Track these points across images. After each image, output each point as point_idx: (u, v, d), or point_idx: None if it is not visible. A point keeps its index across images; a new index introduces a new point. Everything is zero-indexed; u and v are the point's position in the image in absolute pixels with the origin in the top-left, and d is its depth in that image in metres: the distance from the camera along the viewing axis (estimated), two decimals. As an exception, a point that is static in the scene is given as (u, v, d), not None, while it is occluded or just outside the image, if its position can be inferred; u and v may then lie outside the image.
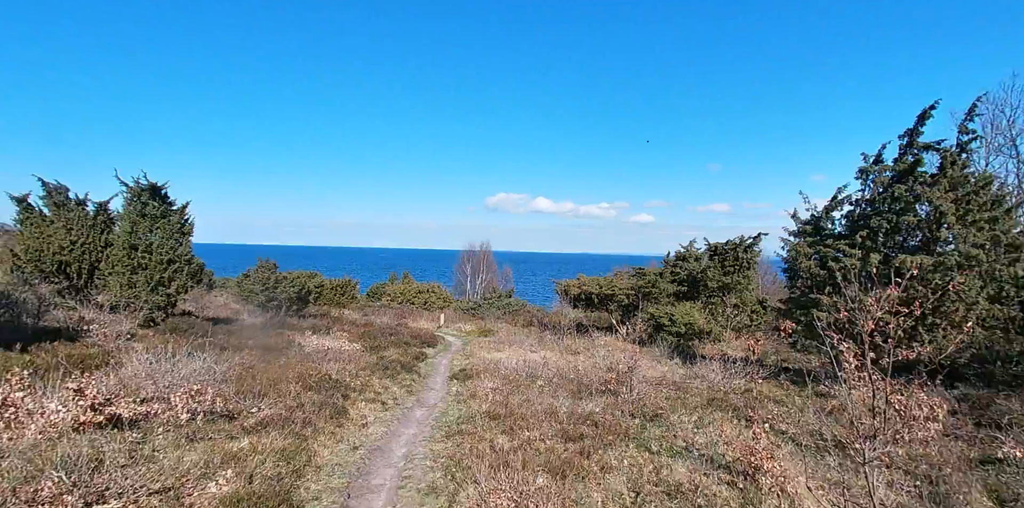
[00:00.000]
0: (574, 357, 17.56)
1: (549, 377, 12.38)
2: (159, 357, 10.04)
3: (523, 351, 18.34)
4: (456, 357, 16.51)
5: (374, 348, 15.13)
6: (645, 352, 19.96)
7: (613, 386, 10.00)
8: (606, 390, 10.31)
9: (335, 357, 13.09)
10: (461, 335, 23.85)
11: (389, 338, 17.32)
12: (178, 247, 16.95)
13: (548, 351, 18.74)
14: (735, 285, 21.43)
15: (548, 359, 16.46)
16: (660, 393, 10.98)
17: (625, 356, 17.31)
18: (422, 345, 17.84)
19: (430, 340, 18.83)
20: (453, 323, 26.94)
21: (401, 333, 18.73)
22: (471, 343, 20.26)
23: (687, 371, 15.84)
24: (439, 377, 13.03)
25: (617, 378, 10.16)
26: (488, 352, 17.60)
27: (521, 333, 23.33)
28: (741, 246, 21.49)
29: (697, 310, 20.97)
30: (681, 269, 22.53)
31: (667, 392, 11.38)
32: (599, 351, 18.43)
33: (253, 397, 8.51)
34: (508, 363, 14.99)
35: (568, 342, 20.85)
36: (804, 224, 14.20)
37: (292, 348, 14.31)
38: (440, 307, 34.59)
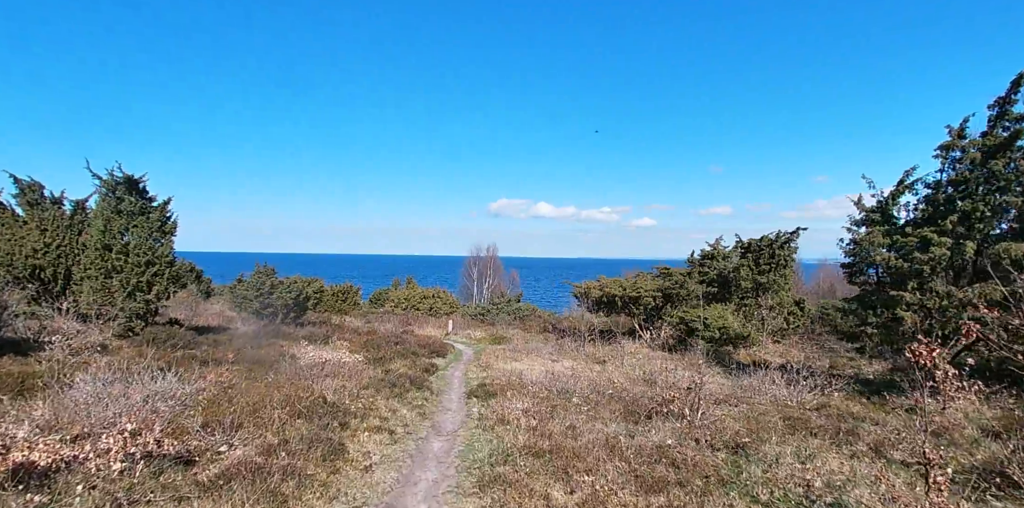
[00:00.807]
0: (601, 367, 15.56)
1: (584, 393, 10.39)
2: (112, 377, 8.08)
3: (543, 360, 16.34)
4: (470, 368, 14.50)
5: (378, 360, 13.13)
6: (675, 360, 17.96)
7: (677, 407, 7.99)
8: (667, 412, 8.29)
9: (333, 372, 11.10)
10: (472, 343, 21.85)
11: (394, 348, 15.33)
12: (158, 247, 15.00)
13: (571, 360, 16.75)
14: (771, 285, 19.45)
15: (575, 370, 14.46)
16: (726, 412, 8.97)
17: (671, 367, 15.32)
18: (431, 355, 15.84)
19: (439, 349, 16.84)
20: (462, 330, 24.95)
21: (407, 342, 16.74)
22: (484, 352, 18.27)
23: (732, 382, 13.84)
24: (454, 393, 11.04)
25: (677, 396, 8.15)
26: (505, 362, 15.61)
27: (536, 340, 21.33)
28: (777, 242, 19.52)
29: (730, 313, 18.98)
30: (710, 268, 20.57)
31: (731, 411, 9.37)
32: (627, 359, 16.44)
33: (224, 429, 6.54)
34: (531, 375, 12.99)
35: (590, 350, 18.86)
36: (871, 212, 12.25)
37: (284, 361, 12.33)
38: (447, 313, 32.59)
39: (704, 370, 15.34)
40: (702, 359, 15.85)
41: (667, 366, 16.41)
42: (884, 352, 18.15)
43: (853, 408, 10.36)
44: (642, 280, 20.14)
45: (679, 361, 17.57)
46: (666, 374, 12.87)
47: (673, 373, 12.94)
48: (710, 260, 21.20)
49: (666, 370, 14.75)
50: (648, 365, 16.00)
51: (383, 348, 15.14)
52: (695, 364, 16.45)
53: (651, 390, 11.25)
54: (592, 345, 19.66)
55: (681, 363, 16.90)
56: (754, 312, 19.83)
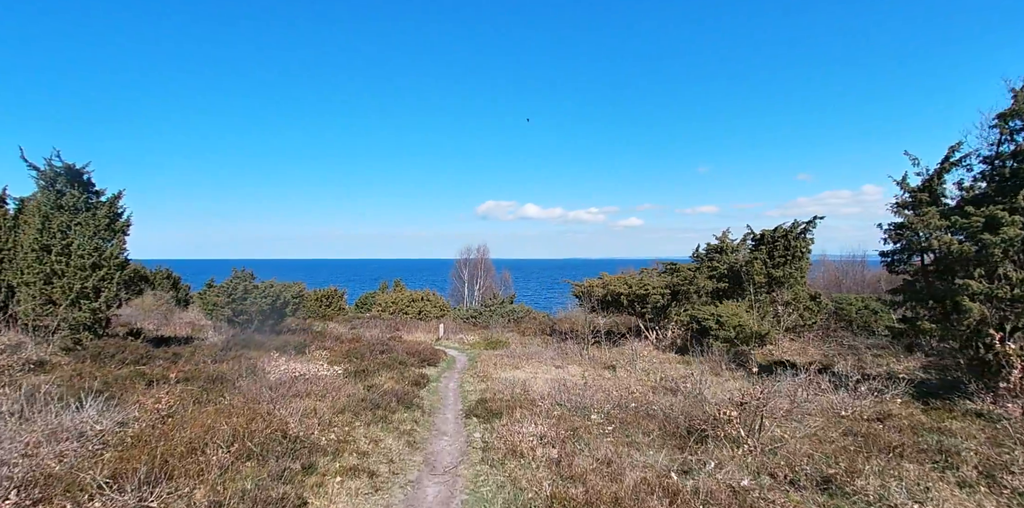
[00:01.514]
0: (612, 373, 13.88)
1: (604, 408, 8.69)
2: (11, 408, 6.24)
3: (546, 367, 14.63)
4: (466, 379, 12.74)
5: (360, 373, 11.32)
6: (687, 361, 16.36)
7: (734, 429, 6.32)
8: (720, 435, 6.61)
9: (305, 390, 9.27)
10: (465, 348, 20.06)
11: (379, 357, 13.51)
12: (106, 248, 13.04)
13: (576, 366, 15.06)
14: (786, 278, 17.96)
15: (585, 378, 12.78)
16: (784, 430, 7.31)
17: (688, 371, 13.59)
18: (421, 364, 14.05)
19: (430, 357, 15.04)
20: (454, 334, 23.15)
21: (394, 349, 14.92)
22: (479, 358, 16.51)
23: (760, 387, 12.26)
24: (450, 411, 9.27)
25: (735, 416, 6.48)
26: (504, 370, 13.87)
27: (535, 344, 19.61)
28: (793, 232, 18.04)
29: (744, 310, 17.44)
30: (719, 263, 19.04)
31: (786, 427, 7.72)
32: (638, 363, 14.78)
33: (140, 484, 4.72)
34: (536, 386, 11.27)
35: (594, 353, 17.19)
36: (917, 191, 10.72)
37: (249, 377, 10.46)
38: (437, 316, 30.76)
39: (725, 373, 13.77)
40: (722, 361, 14.25)
41: (684, 370, 14.81)
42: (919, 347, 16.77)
43: (918, 417, 8.79)
44: (648, 277, 18.55)
45: (694, 364, 15.98)
46: (692, 381, 11.22)
47: (699, 380, 11.31)
48: (719, 254, 19.65)
49: (686, 375, 13.13)
50: (663, 369, 14.36)
51: (367, 358, 13.32)
52: (713, 367, 14.88)
53: (679, 401, 9.59)
54: (596, 348, 18.01)
55: (697, 366, 15.30)
56: (769, 308, 18.31)
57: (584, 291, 18.76)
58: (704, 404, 7.56)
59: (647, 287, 17.26)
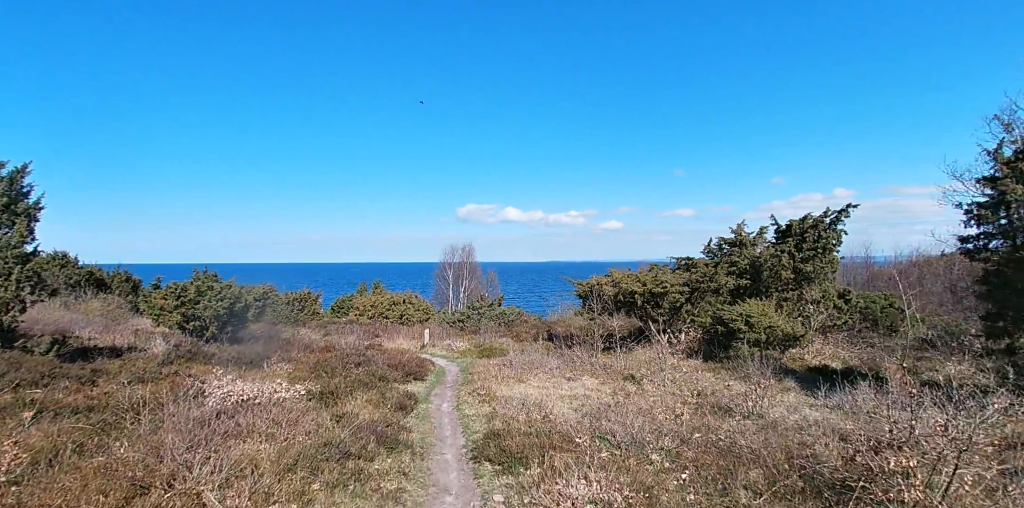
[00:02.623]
0: (638, 387, 11.46)
1: (662, 441, 6.27)
2: None
3: (556, 380, 12.16)
4: (464, 398, 10.19)
5: (328, 395, 8.68)
6: (717, 370, 14.08)
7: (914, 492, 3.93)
8: (873, 496, 4.20)
9: (249, 424, 6.63)
10: (455, 357, 17.48)
11: (355, 371, 10.88)
12: (1, 236, 10.17)
13: (591, 377, 12.62)
14: (816, 274, 15.89)
15: (608, 394, 10.35)
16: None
17: (726, 381, 11.18)
18: (406, 378, 11.46)
19: (416, 369, 12.44)
20: (440, 340, 20.53)
21: (373, 360, 12.28)
22: (474, 369, 13.97)
23: (822, 401, 10.02)
24: (449, 450, 6.73)
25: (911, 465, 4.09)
26: (508, 385, 11.36)
27: (534, 350, 17.11)
28: (824, 222, 15.95)
29: (771, 308, 15.27)
30: (740, 257, 16.88)
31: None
32: (666, 374, 12.40)
33: None
34: (556, 407, 8.80)
35: (605, 361, 14.78)
36: (1010, 162, 8.58)
37: (178, 404, 7.74)
38: (420, 320, 28.06)
39: (771, 384, 11.47)
40: (761, 368, 11.96)
41: (713, 379, 12.50)
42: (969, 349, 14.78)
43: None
44: (663, 273, 16.27)
45: (724, 371, 13.71)
46: (752, 399, 8.87)
47: (758, 396, 8.97)
48: (738, 248, 17.48)
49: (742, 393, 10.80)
50: (694, 381, 12.03)
51: (338, 372, 10.66)
52: (746, 375, 12.61)
53: (754, 429, 7.24)
54: (606, 355, 15.61)
55: (731, 375, 13.02)
56: (794, 307, 16.19)
57: (588, 290, 16.37)
58: (803, 434, 5.15)
59: (665, 285, 14.95)
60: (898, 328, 18.96)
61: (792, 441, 6.67)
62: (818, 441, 6.62)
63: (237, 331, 18.40)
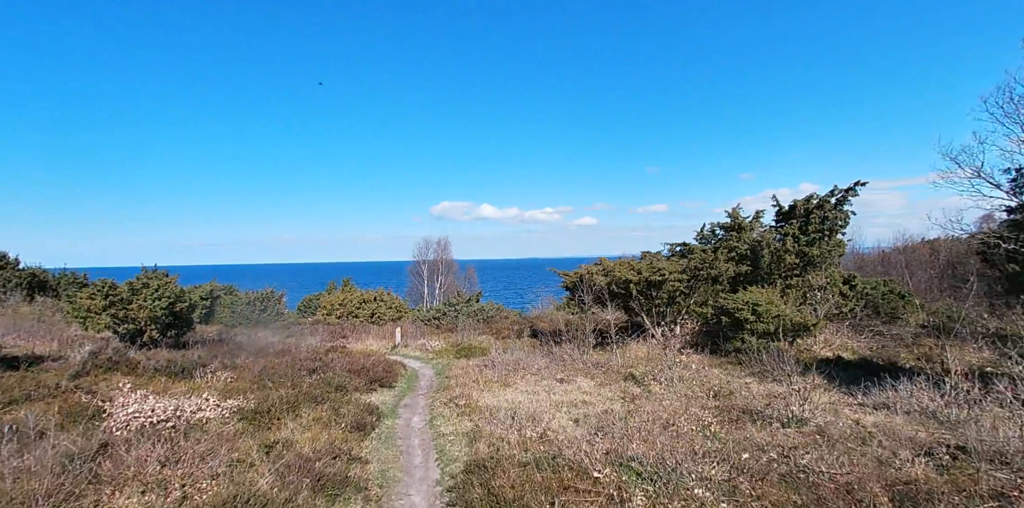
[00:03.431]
0: (643, 390, 9.81)
1: (705, 470, 4.62)
2: None
3: (548, 382, 10.43)
4: (438, 409, 8.38)
5: (263, 414, 6.76)
6: (723, 365, 12.59)
7: None
8: None
9: (139, 464, 4.72)
10: (430, 357, 15.63)
11: (307, 380, 8.95)
12: None
13: (586, 378, 10.94)
14: (823, 258, 14.56)
15: (613, 400, 8.68)
16: None
17: (741, 379, 9.63)
18: (369, 386, 9.58)
19: (384, 374, 10.57)
20: (414, 339, 18.62)
21: (332, 366, 10.36)
22: (451, 371, 12.17)
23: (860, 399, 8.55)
24: (417, 491, 4.95)
25: None
26: (492, 390, 9.59)
27: (517, 347, 15.35)
28: (829, 202, 14.59)
29: (776, 296, 13.86)
30: (739, 242, 15.44)
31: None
32: (674, 371, 10.75)
33: None
34: (553, 419, 7.09)
35: (597, 358, 13.13)
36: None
37: (67, 431, 5.76)
38: (393, 319, 26.06)
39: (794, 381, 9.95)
40: (775, 363, 10.44)
41: (724, 376, 10.97)
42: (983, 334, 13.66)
43: None
44: (657, 261, 14.71)
45: (731, 366, 12.21)
46: (794, 401, 7.30)
47: (800, 399, 7.40)
48: (736, 232, 16.03)
49: (740, 385, 9.26)
50: (704, 379, 10.46)
51: (285, 381, 8.72)
52: (762, 370, 11.11)
53: (787, 435, 5.65)
54: (599, 351, 13.97)
55: (743, 371, 11.51)
56: (803, 294, 14.83)
57: (577, 281, 14.70)
58: (872, 446, 3.53)
59: (662, 272, 13.37)
60: (899, 315, 17.88)
61: (868, 458, 5.09)
62: (899, 457, 5.05)
63: (182, 334, 16.21)
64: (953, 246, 28.20)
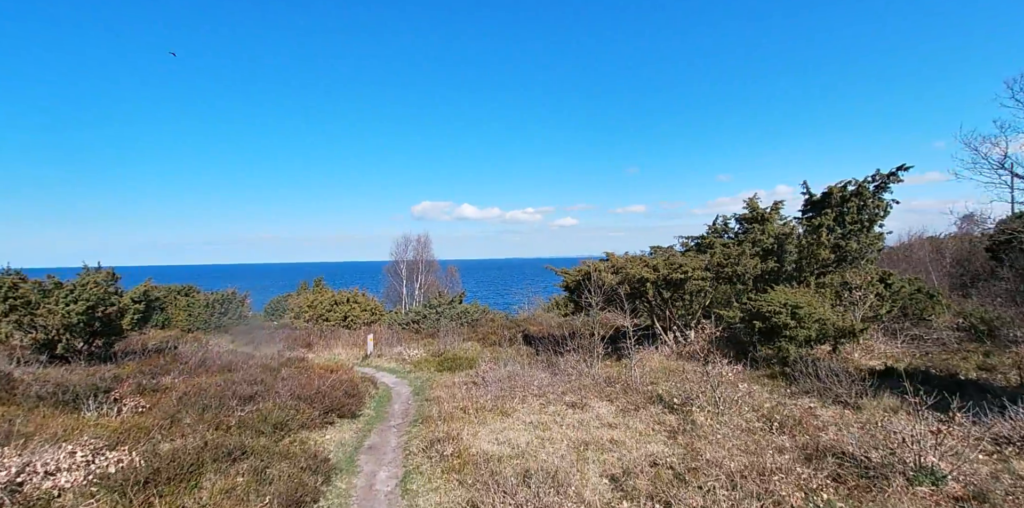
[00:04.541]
0: (679, 418, 7.58)
1: None
2: None
3: (557, 407, 8.13)
4: (417, 457, 5.98)
5: (148, 483, 4.27)
6: (755, 378, 10.46)
7: None
8: None
9: None
10: (407, 370, 13.19)
11: (239, 413, 6.48)
12: None
13: (603, 400, 8.66)
14: (862, 253, 12.59)
15: (669, 443, 6.40)
16: None
17: (801, 402, 7.44)
18: (323, 418, 7.15)
19: (344, 400, 8.12)
20: (390, 347, 16.14)
21: (276, 390, 7.85)
22: (433, 391, 9.80)
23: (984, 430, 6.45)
24: None
25: None
26: (485, 423, 7.23)
27: (509, 357, 13.00)
28: (867, 189, 12.58)
29: (812, 296, 11.81)
30: (763, 234, 13.37)
31: None
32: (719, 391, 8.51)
33: None
34: (583, 481, 4.80)
35: (608, 372, 10.87)
36: None
37: None
38: (367, 322, 23.48)
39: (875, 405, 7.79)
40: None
41: (778, 396, 8.82)
42: None
43: None
44: (675, 256, 12.54)
45: (769, 380, 10.08)
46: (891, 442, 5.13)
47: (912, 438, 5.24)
48: (758, 224, 13.94)
49: (801, 411, 7.04)
50: (755, 402, 8.27)
51: (209, 417, 6.24)
52: (820, 388, 8.99)
53: None
54: (609, 362, 11.71)
55: (794, 388, 9.37)
56: (840, 294, 12.82)
57: (582, 279, 12.43)
58: None
59: (684, 269, 11.19)
60: (926, 317, 16.09)
61: None
62: None
63: (109, 343, 13.48)
64: (958, 244, 26.90)
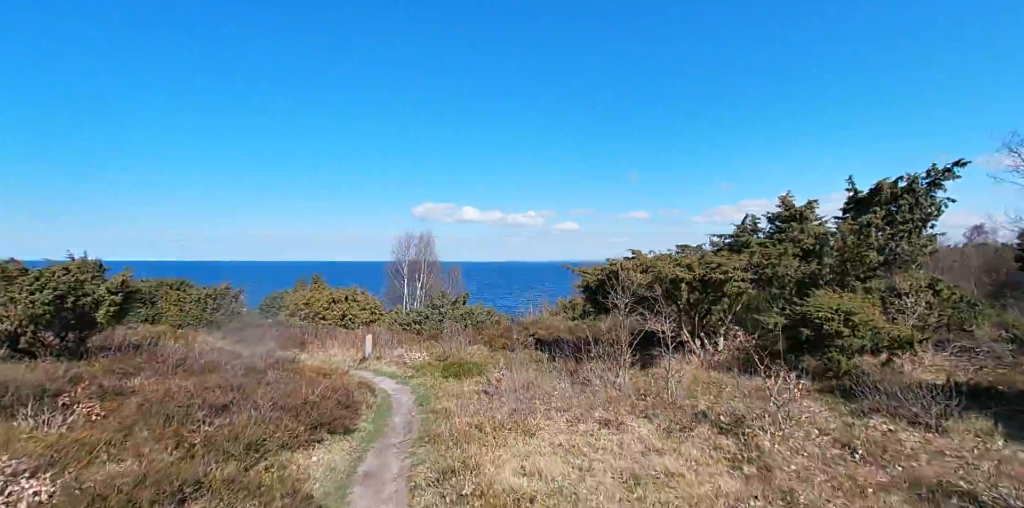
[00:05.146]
0: (738, 442, 6.30)
1: None
2: None
3: (589, 425, 6.86)
4: (425, 493, 4.70)
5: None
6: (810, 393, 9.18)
7: None
8: None
9: None
10: (409, 376, 11.90)
11: (205, 428, 5.20)
12: None
13: (639, 417, 7.39)
14: (915, 256, 11.34)
15: (736, 476, 5.11)
16: None
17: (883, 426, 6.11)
18: (311, 435, 5.87)
19: (337, 413, 6.84)
20: (390, 348, 14.86)
21: (254, 399, 6.56)
22: (439, 401, 8.55)
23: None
24: None
25: None
26: (506, 446, 5.95)
27: (521, 364, 11.70)
28: (918, 185, 11.33)
29: (861, 302, 10.54)
30: (804, 235, 12.11)
31: None
32: (782, 411, 7.22)
33: None
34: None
35: (638, 382, 9.59)
36: None
37: None
38: (366, 322, 22.21)
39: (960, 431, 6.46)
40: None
41: (855, 419, 7.53)
42: None
43: None
44: (710, 255, 11.27)
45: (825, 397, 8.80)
46: None
47: None
48: (797, 222, 12.68)
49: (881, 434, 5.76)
50: (820, 422, 7.00)
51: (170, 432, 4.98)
52: (893, 410, 7.72)
53: None
54: (636, 371, 10.42)
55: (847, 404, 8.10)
56: (887, 301, 11.55)
57: (606, 278, 11.15)
58: None
59: (724, 269, 9.93)
60: (969, 327, 14.83)
61: None
62: None
63: (82, 337, 12.21)
64: (984, 253, 25.86)
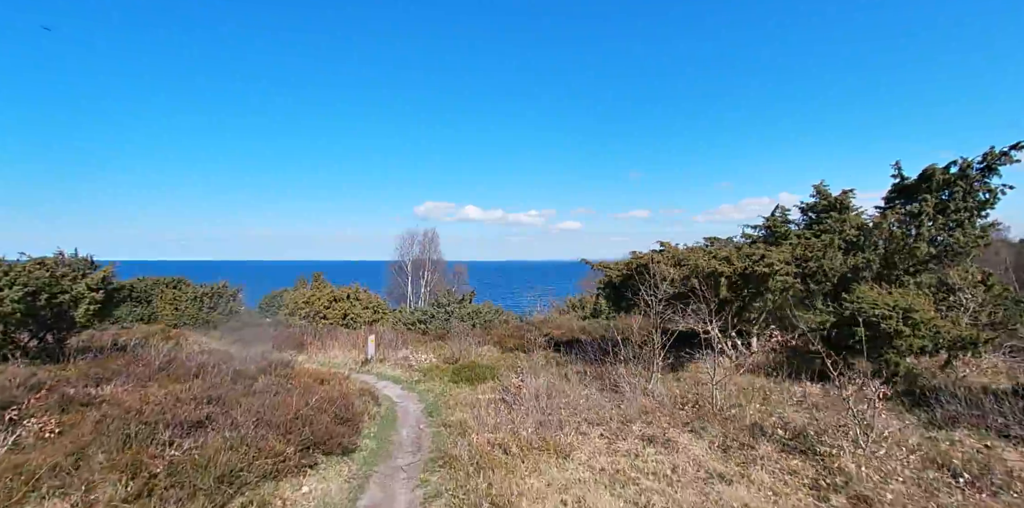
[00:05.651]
0: (815, 466, 5.24)
1: None
2: None
3: (631, 444, 5.82)
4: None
5: None
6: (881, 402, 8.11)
7: None
8: None
9: None
10: (415, 379, 10.84)
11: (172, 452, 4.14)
12: None
13: (686, 432, 6.35)
14: (970, 249, 10.28)
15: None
16: None
17: None
18: (302, 458, 4.82)
19: (332, 428, 5.78)
20: (394, 350, 13.81)
21: (236, 416, 5.51)
22: (451, 412, 7.51)
23: None
24: None
25: None
26: (538, 472, 4.91)
27: (536, 365, 10.64)
28: (970, 172, 10.27)
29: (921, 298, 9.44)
30: (847, 226, 11.03)
31: None
32: (865, 424, 6.14)
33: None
34: None
35: (671, 389, 8.53)
36: None
37: None
38: (369, 321, 21.19)
39: None
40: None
41: (938, 434, 6.43)
42: None
43: None
44: (747, 248, 10.21)
45: (892, 405, 7.74)
46: None
47: None
48: (837, 212, 11.59)
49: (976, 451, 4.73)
50: (897, 436, 5.93)
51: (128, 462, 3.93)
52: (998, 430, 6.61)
53: None
54: (667, 375, 9.36)
55: (918, 414, 7.03)
56: (938, 297, 10.47)
57: (629, 274, 10.08)
58: None
59: (768, 261, 8.86)
60: (1012, 325, 13.74)
61: None
62: None
63: (61, 337, 11.19)
64: (1017, 248, 24.93)
